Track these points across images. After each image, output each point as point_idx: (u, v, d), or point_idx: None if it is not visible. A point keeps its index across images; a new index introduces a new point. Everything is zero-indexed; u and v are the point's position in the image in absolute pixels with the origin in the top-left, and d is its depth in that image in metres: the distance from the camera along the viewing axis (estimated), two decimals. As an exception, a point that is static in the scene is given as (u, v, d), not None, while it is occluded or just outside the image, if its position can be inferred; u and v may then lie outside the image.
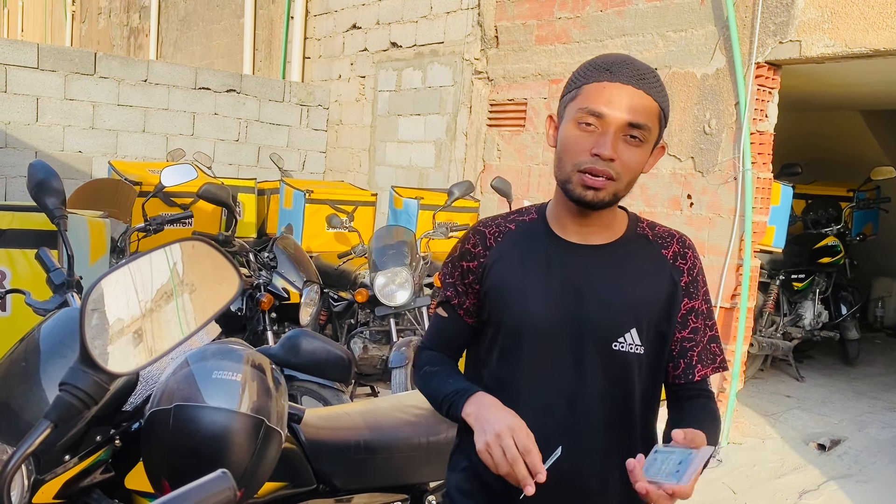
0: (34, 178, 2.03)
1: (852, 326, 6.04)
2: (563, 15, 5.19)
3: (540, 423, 1.32)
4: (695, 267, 1.42)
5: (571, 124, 1.30)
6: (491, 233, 1.44)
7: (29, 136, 6.22)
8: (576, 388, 1.33)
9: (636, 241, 1.41)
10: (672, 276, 1.39)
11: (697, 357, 1.42)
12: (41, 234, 2.49)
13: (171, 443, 1.39)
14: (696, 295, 1.41)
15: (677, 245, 1.42)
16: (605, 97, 1.27)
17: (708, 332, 1.43)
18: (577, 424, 1.34)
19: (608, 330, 1.33)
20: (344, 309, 4.48)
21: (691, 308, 1.40)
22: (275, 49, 8.52)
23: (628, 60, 1.31)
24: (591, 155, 1.27)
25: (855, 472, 3.97)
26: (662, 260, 1.40)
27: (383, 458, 1.90)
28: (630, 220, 1.43)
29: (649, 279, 1.38)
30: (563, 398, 1.34)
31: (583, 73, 1.33)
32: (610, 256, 1.37)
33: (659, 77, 1.33)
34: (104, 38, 13.33)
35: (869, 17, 3.66)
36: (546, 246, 1.39)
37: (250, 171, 7.23)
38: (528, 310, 1.34)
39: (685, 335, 1.41)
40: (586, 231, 1.38)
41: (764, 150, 4.23)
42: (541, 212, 1.45)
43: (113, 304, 1.05)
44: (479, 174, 5.90)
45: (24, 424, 1.20)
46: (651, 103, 1.29)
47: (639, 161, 1.31)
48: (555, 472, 1.32)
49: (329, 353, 1.88)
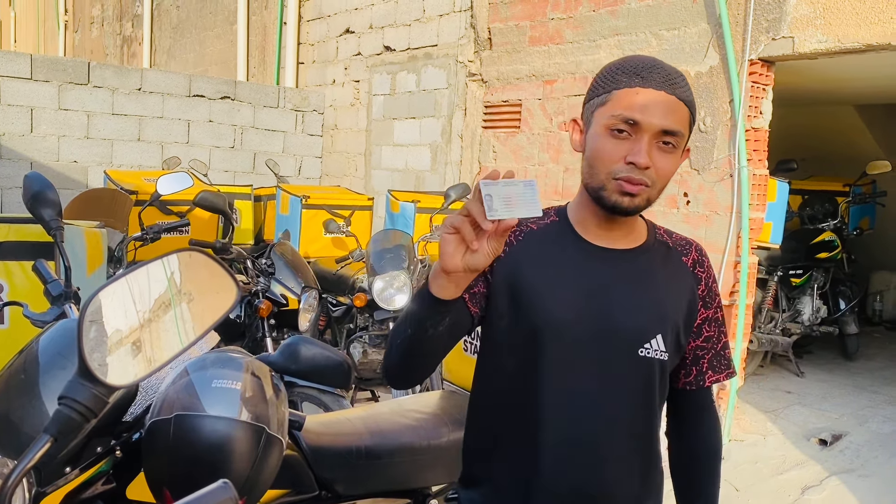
0: (30, 189, 2.03)
1: (851, 321, 6.04)
2: (555, 16, 5.19)
3: (563, 428, 1.31)
4: (710, 276, 1.42)
5: (603, 131, 1.28)
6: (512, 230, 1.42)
7: (24, 147, 6.21)
8: (600, 392, 1.31)
9: (659, 248, 1.40)
10: (692, 285, 1.39)
11: (708, 364, 1.42)
12: (38, 245, 2.48)
13: (171, 453, 1.38)
14: (710, 304, 1.41)
15: (696, 253, 1.42)
16: (639, 104, 1.25)
17: (722, 339, 1.44)
18: (601, 430, 1.32)
19: (635, 335, 1.32)
20: (343, 314, 4.47)
21: (706, 317, 1.40)
22: (268, 55, 8.52)
23: (657, 64, 1.29)
24: (626, 163, 1.25)
25: (857, 466, 3.98)
26: (684, 267, 1.40)
27: (385, 463, 1.90)
28: (648, 226, 1.42)
29: (674, 286, 1.37)
30: (588, 403, 1.31)
31: (611, 77, 1.30)
32: (636, 261, 1.37)
33: (686, 79, 1.32)
34: (97, 47, 13.32)
35: (861, 12, 3.67)
36: (572, 248, 1.37)
37: (246, 177, 7.23)
38: (554, 311, 1.31)
39: (699, 343, 1.41)
40: (612, 235, 1.36)
41: (759, 147, 4.24)
42: (561, 214, 1.42)
43: (111, 316, 1.05)
44: (476, 176, 5.90)
45: (25, 437, 1.20)
46: (683, 108, 1.28)
47: (672, 167, 1.29)
48: (579, 481, 1.32)
49: (328, 359, 1.87)
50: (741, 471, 3.88)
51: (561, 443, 1.30)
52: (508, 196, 1.08)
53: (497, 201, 1.08)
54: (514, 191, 1.09)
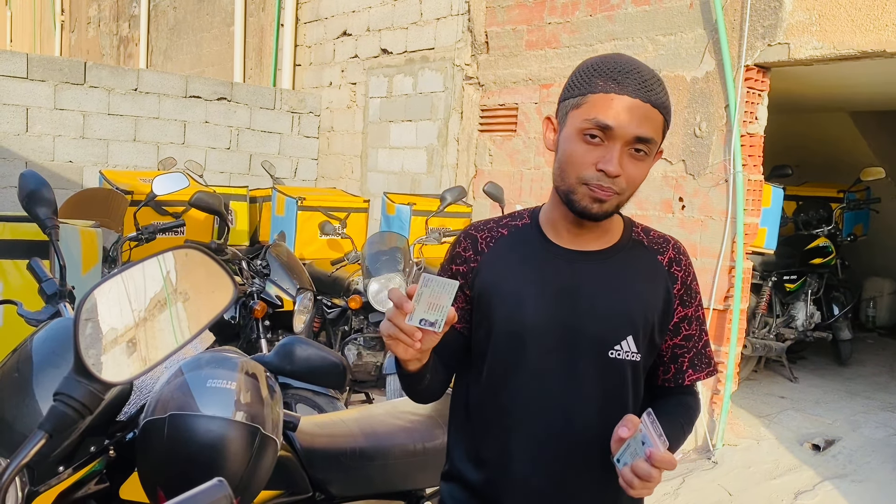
0: (25, 188, 2.02)
1: (845, 327, 6.06)
2: (552, 20, 5.20)
3: (534, 431, 1.32)
4: (689, 274, 1.41)
5: (576, 134, 1.27)
6: (483, 237, 1.42)
7: (19, 147, 6.19)
8: (571, 396, 1.32)
9: (632, 247, 1.39)
10: (667, 284, 1.38)
11: (689, 362, 1.41)
12: (32, 244, 2.48)
13: (165, 452, 1.38)
14: (689, 303, 1.40)
15: (672, 251, 1.41)
16: (613, 111, 1.23)
17: (703, 337, 1.43)
18: (572, 432, 1.33)
19: (604, 337, 1.32)
20: (338, 316, 4.47)
21: (684, 316, 1.39)
22: (265, 57, 8.51)
23: (634, 68, 1.27)
24: (596, 170, 1.25)
25: (850, 471, 3.99)
26: (658, 266, 1.39)
27: (379, 464, 1.90)
28: (625, 224, 1.42)
29: (646, 285, 1.36)
30: (558, 406, 1.32)
31: (587, 79, 1.28)
32: (606, 262, 1.36)
33: (663, 83, 1.30)
34: (94, 47, 13.30)
35: (856, 18, 3.69)
36: (540, 252, 1.37)
37: (242, 178, 7.22)
38: (522, 316, 1.32)
39: (677, 342, 1.40)
40: (583, 237, 1.36)
41: (754, 153, 4.25)
42: (533, 216, 1.42)
43: (107, 314, 1.05)
44: (471, 179, 5.90)
45: (18, 436, 1.20)
46: (657, 115, 1.27)
47: (642, 174, 1.29)
48: (553, 483, 1.33)
49: (324, 361, 1.87)
50: (734, 475, 3.88)
51: (533, 444, 1.31)
52: (428, 300, 1.15)
53: (419, 308, 1.15)
54: (428, 291, 1.15)
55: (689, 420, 1.41)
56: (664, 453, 1.13)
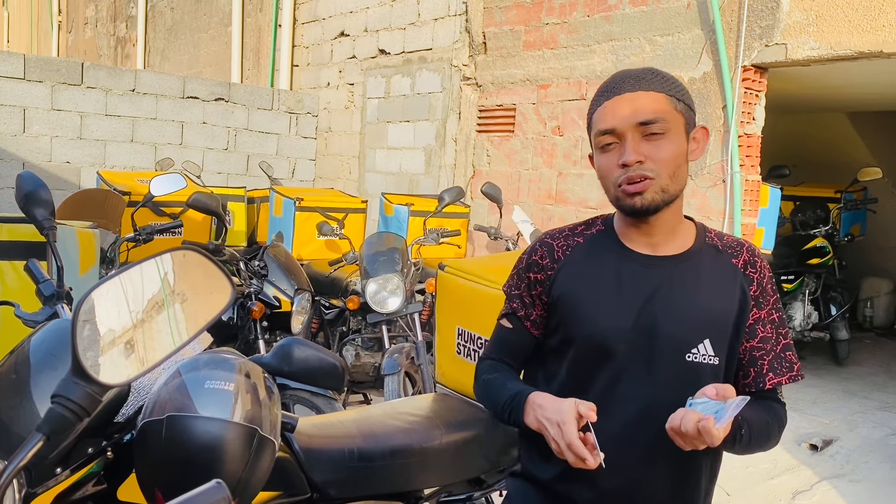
0: (22, 189, 2.02)
1: (842, 327, 6.07)
2: (550, 20, 5.21)
3: (614, 436, 1.32)
4: (764, 276, 1.42)
5: (597, 152, 1.38)
6: (559, 245, 1.45)
7: (16, 148, 6.18)
8: (650, 400, 1.33)
9: (707, 252, 1.41)
10: (742, 286, 1.39)
11: (769, 365, 1.41)
12: (30, 245, 2.47)
13: (163, 454, 1.38)
14: (764, 304, 1.40)
15: (747, 254, 1.42)
16: (609, 114, 1.33)
17: (782, 341, 1.42)
18: (651, 437, 1.33)
19: (682, 341, 1.34)
20: (335, 316, 4.47)
21: (759, 318, 1.40)
22: (263, 57, 8.51)
23: (627, 75, 1.36)
24: (620, 168, 1.32)
25: (847, 471, 3.99)
26: (734, 269, 1.40)
27: (377, 466, 1.89)
28: (698, 229, 1.44)
29: (722, 289, 1.38)
30: (637, 411, 1.34)
31: (592, 103, 1.40)
32: (681, 267, 1.38)
33: (659, 72, 1.37)
34: (91, 47, 13.29)
35: (853, 19, 3.70)
36: (616, 258, 1.40)
37: (239, 179, 7.22)
38: (601, 322, 1.35)
39: (754, 344, 1.40)
40: (653, 241, 1.39)
41: (752, 153, 4.26)
42: (608, 223, 1.46)
43: (104, 316, 1.05)
44: (469, 180, 5.91)
45: (15, 438, 1.19)
46: (654, 96, 1.32)
47: (671, 150, 1.32)
48: (628, 483, 1.36)
49: (322, 361, 1.87)
50: (732, 475, 3.89)
51: (609, 444, 1.30)
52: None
53: None
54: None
55: (776, 418, 1.41)
56: (714, 430, 1.17)
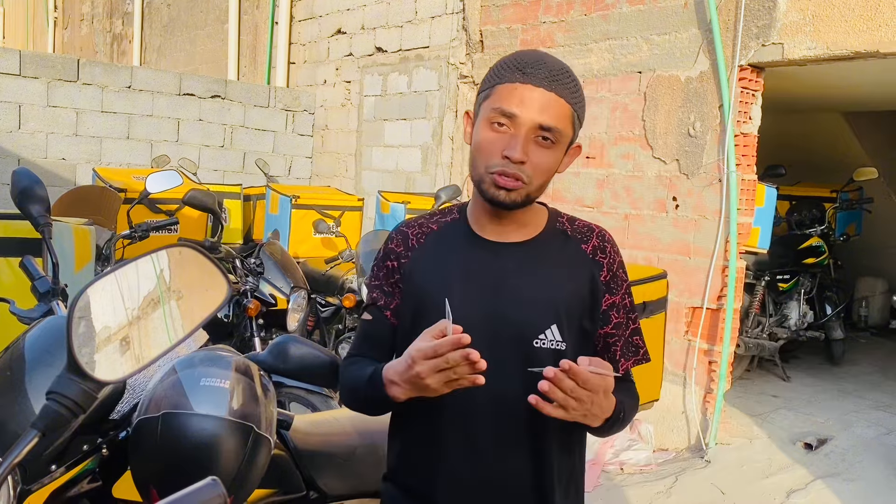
0: (18, 185, 2.02)
1: (837, 326, 6.08)
2: (547, 19, 5.21)
3: (463, 423, 1.33)
4: (614, 262, 1.41)
5: (484, 124, 1.31)
6: (413, 233, 1.44)
7: (11, 144, 6.16)
8: (499, 386, 1.30)
9: (555, 237, 1.41)
10: (592, 272, 1.39)
11: (621, 351, 1.42)
12: (25, 241, 2.46)
13: (159, 451, 1.38)
14: (617, 290, 1.40)
15: (596, 239, 1.42)
16: (517, 98, 1.28)
17: (631, 325, 1.43)
18: (501, 423, 1.33)
19: (528, 327, 1.33)
20: (332, 314, 4.47)
21: (612, 303, 1.40)
22: (259, 54, 8.49)
23: (542, 60, 1.31)
24: (502, 157, 1.28)
25: (842, 470, 4.00)
26: (582, 255, 1.40)
27: (373, 462, 1.90)
28: (550, 215, 1.44)
29: (569, 274, 1.37)
30: (486, 397, 1.31)
31: (497, 71, 1.33)
32: (528, 253, 1.37)
33: (574, 77, 1.33)
34: (87, 44, 13.25)
35: (850, 19, 3.70)
36: (465, 245, 1.39)
37: (236, 176, 7.20)
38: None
39: (608, 331, 1.41)
40: (504, 229, 1.38)
41: (748, 152, 4.26)
42: (462, 212, 1.45)
43: (100, 312, 1.05)
44: (466, 178, 5.90)
45: (10, 435, 1.19)
46: (563, 106, 1.29)
47: (550, 163, 1.31)
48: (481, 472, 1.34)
49: (317, 359, 1.87)
50: (727, 474, 3.90)
51: (463, 437, 1.32)
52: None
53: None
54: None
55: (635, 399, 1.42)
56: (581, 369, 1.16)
